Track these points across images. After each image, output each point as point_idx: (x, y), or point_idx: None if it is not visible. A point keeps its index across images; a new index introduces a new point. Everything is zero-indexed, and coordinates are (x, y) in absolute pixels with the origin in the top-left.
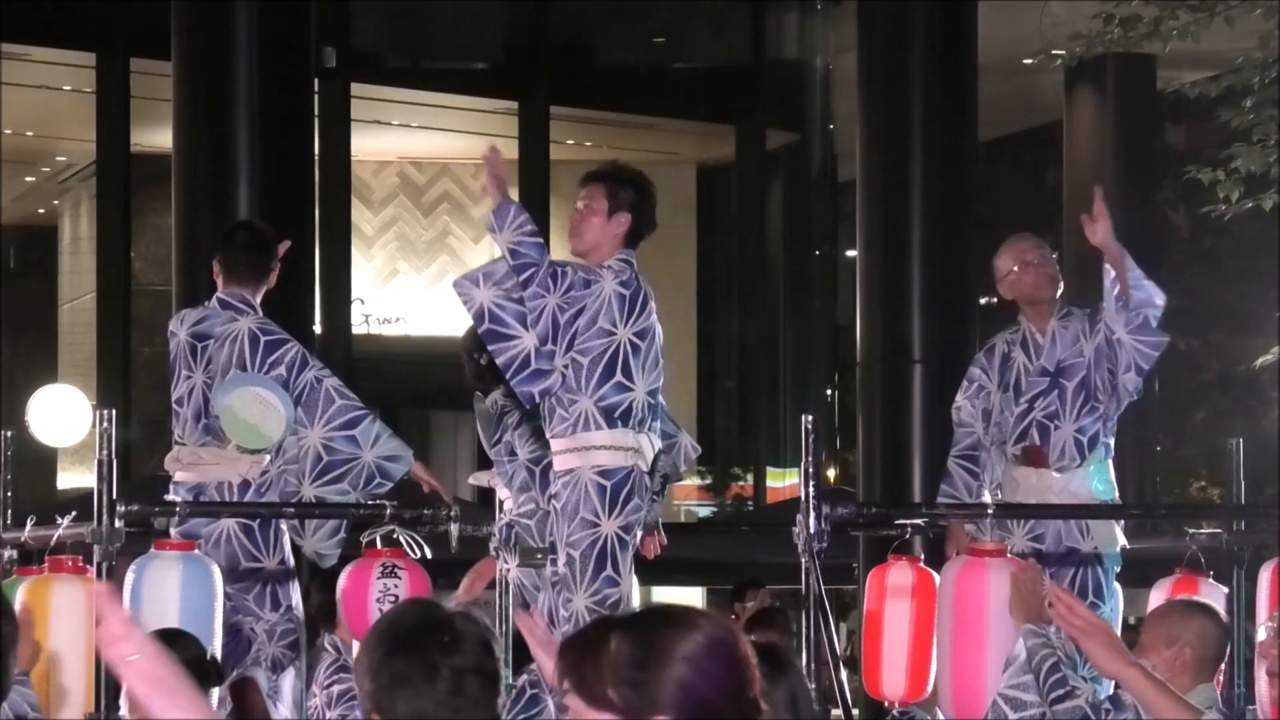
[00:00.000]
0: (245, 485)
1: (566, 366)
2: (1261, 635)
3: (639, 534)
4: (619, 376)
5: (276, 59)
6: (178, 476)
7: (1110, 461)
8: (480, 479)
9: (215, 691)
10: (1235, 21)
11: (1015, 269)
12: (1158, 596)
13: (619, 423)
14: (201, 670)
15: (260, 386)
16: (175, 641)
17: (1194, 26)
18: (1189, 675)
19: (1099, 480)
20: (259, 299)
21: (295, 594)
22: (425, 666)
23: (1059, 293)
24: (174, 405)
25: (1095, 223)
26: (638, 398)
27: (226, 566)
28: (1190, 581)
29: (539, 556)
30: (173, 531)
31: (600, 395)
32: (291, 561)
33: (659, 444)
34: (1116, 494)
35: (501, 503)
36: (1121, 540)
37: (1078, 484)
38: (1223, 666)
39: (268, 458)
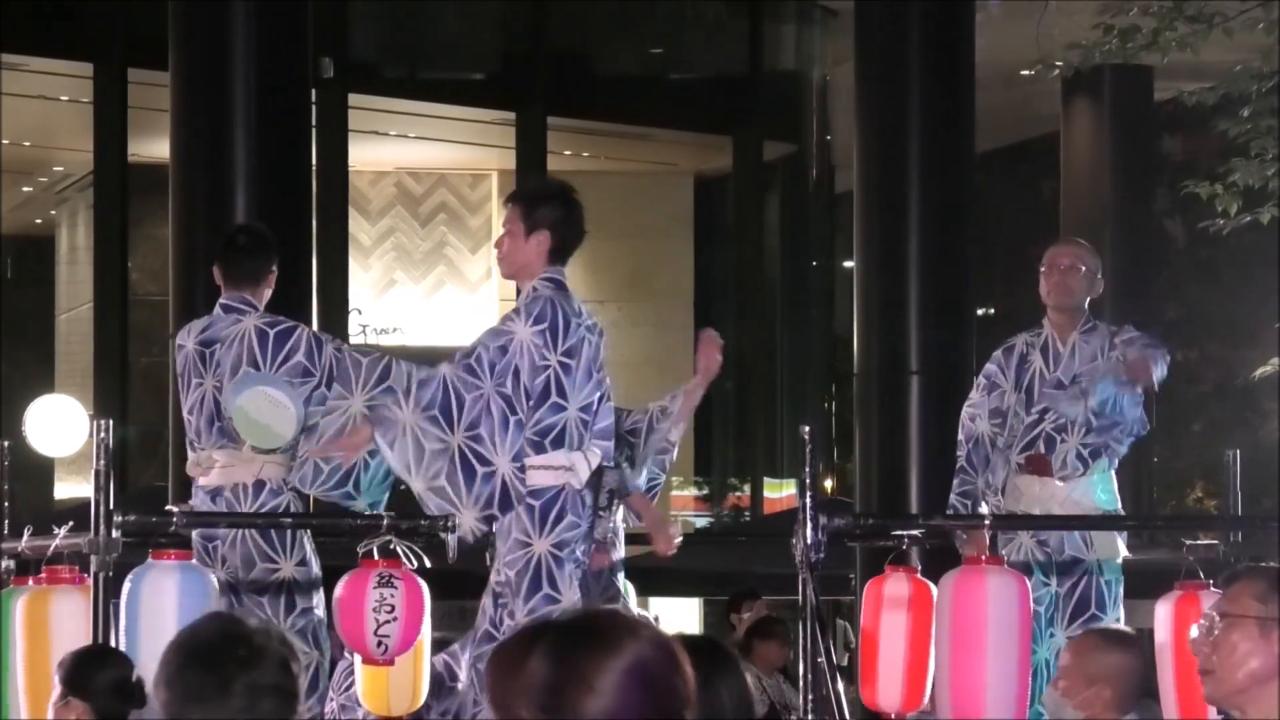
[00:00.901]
0: (260, 485)
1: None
2: (1194, 633)
3: (581, 549)
4: (554, 398)
5: (274, 69)
6: (199, 480)
7: (1113, 472)
8: None
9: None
10: (1234, 33)
11: (1044, 270)
12: (1163, 611)
13: (549, 446)
14: (125, 691)
15: (270, 386)
16: (103, 660)
17: (1192, 38)
18: (1112, 711)
19: (1102, 490)
20: (262, 302)
21: (316, 597)
22: (220, 681)
23: (1085, 303)
24: (186, 415)
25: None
26: (570, 416)
27: (243, 567)
28: (1193, 595)
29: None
30: (194, 535)
31: (536, 420)
32: (314, 564)
33: (597, 459)
34: (1119, 504)
35: None
36: (1123, 551)
37: (1081, 493)
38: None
39: (283, 457)
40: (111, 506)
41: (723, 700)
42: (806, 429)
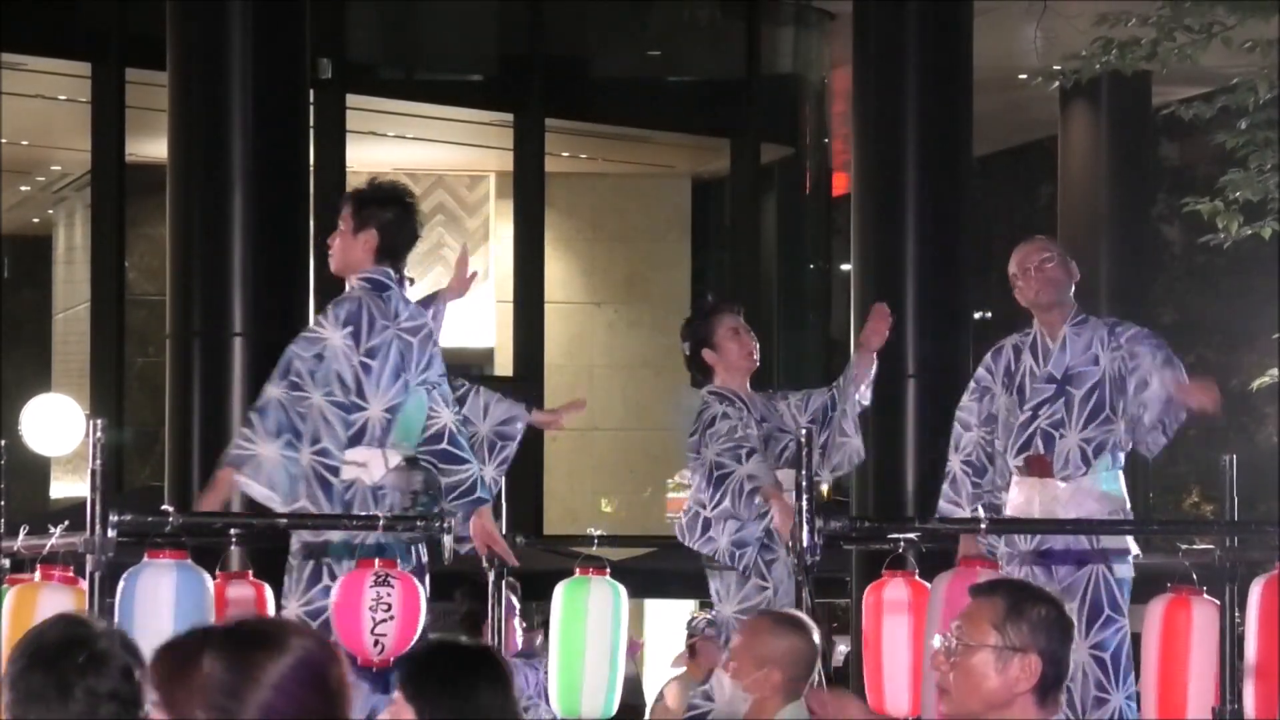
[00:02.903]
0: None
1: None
2: (936, 643)
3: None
4: (354, 396)
5: (272, 70)
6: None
7: (1120, 470)
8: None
9: None
10: (1232, 42)
11: (1017, 275)
12: (1154, 613)
13: (353, 441)
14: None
15: None
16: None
17: (1191, 48)
18: (779, 697)
19: (1108, 483)
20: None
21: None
22: (60, 684)
23: (1069, 294)
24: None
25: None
26: (372, 415)
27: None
28: (1184, 598)
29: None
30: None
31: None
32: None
33: (397, 459)
34: (1127, 499)
35: None
36: (1134, 548)
37: (1087, 489)
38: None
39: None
40: (107, 506)
41: (483, 705)
42: (803, 432)
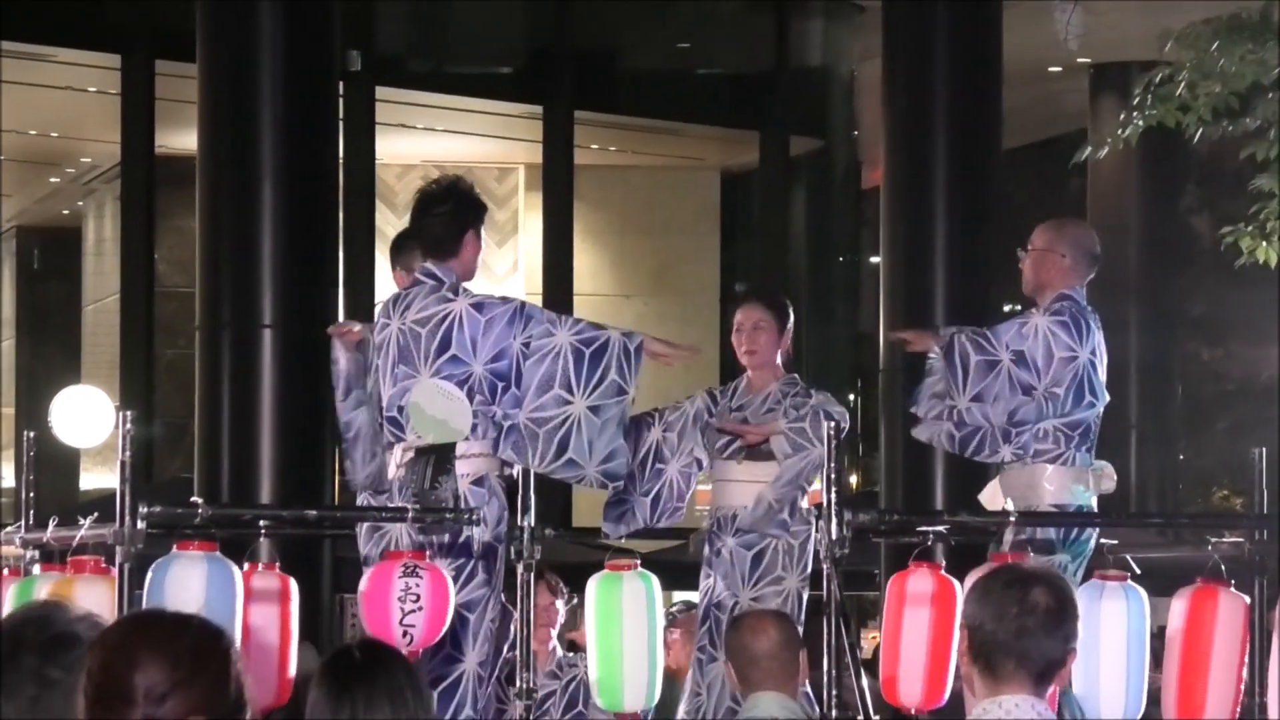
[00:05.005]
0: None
1: None
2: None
3: None
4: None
5: (301, 62)
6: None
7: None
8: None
9: None
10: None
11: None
12: (1179, 606)
13: None
14: None
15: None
16: None
17: (1230, 88)
18: (742, 685)
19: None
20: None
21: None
22: (15, 668)
23: (1046, 282)
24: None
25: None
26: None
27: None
28: (1210, 590)
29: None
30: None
31: None
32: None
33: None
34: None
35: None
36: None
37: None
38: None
39: None
40: (137, 498)
41: (382, 700)
42: (831, 424)
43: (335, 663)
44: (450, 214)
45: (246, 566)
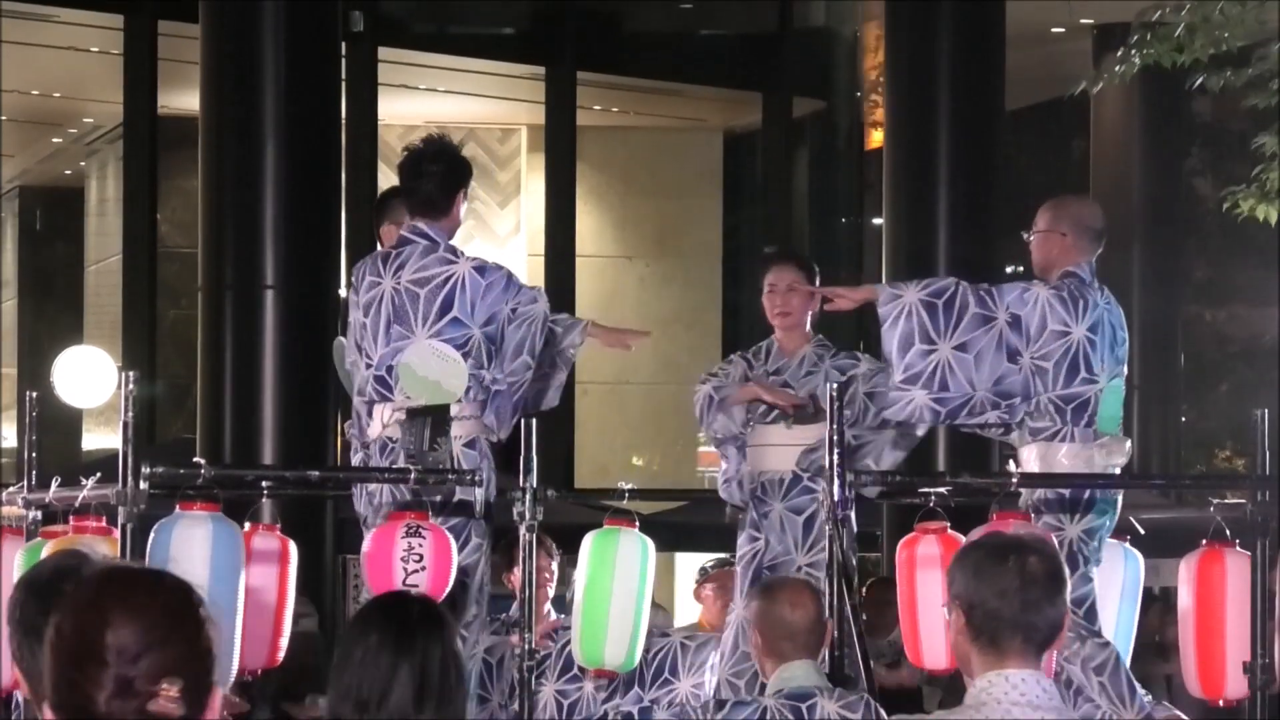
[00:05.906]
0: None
1: None
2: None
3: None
4: None
5: (304, 23)
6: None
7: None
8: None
9: None
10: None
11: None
12: (1186, 569)
13: None
14: None
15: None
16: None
17: (1227, 33)
18: (763, 655)
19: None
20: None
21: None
22: (50, 614)
23: (1052, 261)
24: None
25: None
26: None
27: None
28: (1218, 552)
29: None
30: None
31: None
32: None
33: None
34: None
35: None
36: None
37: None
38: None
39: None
40: (139, 458)
41: (424, 660)
42: (833, 385)
43: (391, 612)
44: (443, 173)
45: (248, 527)
